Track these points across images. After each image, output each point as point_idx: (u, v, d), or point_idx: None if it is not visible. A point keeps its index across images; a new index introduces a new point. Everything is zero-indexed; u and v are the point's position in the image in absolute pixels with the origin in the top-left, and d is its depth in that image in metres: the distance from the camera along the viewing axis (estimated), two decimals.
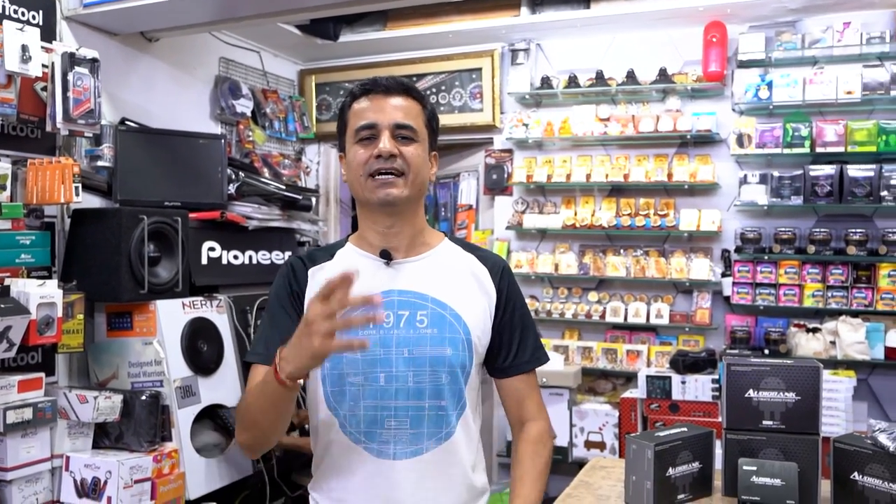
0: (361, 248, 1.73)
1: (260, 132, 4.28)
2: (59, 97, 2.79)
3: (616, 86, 4.09)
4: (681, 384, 3.53)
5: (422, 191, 1.70)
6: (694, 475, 2.20)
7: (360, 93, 1.68)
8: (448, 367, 1.63)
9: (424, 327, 1.63)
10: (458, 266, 1.73)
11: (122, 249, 2.91)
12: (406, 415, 1.61)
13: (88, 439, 2.84)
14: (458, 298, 1.68)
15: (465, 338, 1.65)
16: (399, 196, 1.62)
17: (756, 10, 3.70)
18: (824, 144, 3.63)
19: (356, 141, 1.65)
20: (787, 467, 2.11)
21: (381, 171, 1.61)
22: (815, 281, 3.69)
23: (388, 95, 1.66)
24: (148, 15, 3.22)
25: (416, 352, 1.62)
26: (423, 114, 1.70)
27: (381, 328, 1.62)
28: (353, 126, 1.66)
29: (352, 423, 1.63)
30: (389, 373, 1.62)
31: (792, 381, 2.19)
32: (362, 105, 1.66)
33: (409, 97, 1.69)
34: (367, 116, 1.64)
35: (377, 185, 1.62)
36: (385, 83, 1.67)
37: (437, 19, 4.21)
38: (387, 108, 1.64)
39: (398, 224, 1.68)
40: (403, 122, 1.64)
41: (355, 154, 1.64)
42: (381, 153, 1.60)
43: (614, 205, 4.17)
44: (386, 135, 1.62)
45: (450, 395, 1.64)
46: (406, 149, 1.63)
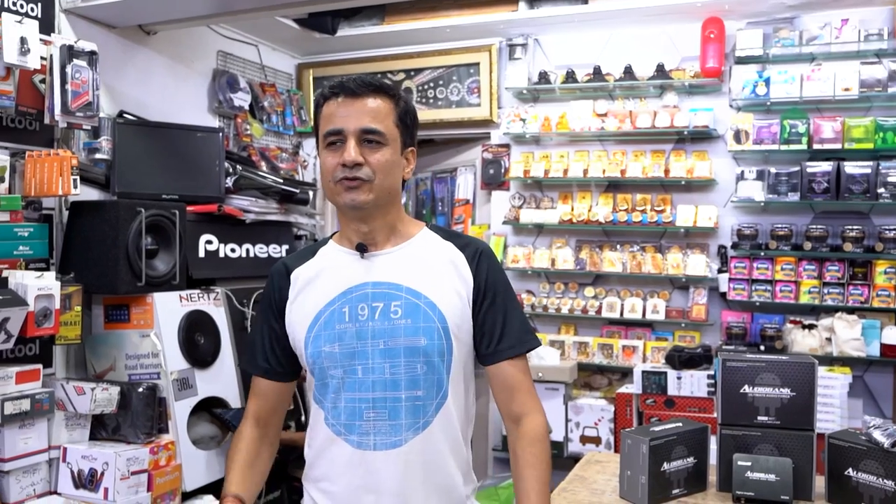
0: (341, 245, 1.75)
1: (258, 126, 4.28)
2: (57, 90, 2.79)
3: (613, 81, 4.09)
4: (676, 380, 3.54)
5: (391, 193, 1.68)
6: (689, 470, 2.22)
7: (328, 95, 1.66)
8: (424, 357, 1.62)
9: (398, 318, 1.63)
10: (435, 254, 1.72)
11: (119, 242, 2.91)
12: (384, 406, 1.61)
13: (86, 431, 2.84)
14: (432, 287, 1.66)
15: (440, 326, 1.63)
16: (365, 201, 1.62)
17: (754, 6, 3.71)
18: (821, 141, 3.64)
19: (325, 146, 1.64)
20: (781, 463, 2.13)
21: (347, 178, 1.61)
22: (811, 277, 3.71)
23: (356, 98, 1.63)
24: (146, 8, 3.22)
25: (390, 343, 1.62)
26: (394, 112, 1.67)
27: (357, 321, 1.64)
28: (322, 131, 1.65)
29: (334, 415, 1.65)
30: (366, 365, 1.63)
31: (787, 377, 2.20)
32: (330, 109, 1.65)
33: (378, 96, 1.65)
34: (333, 122, 1.63)
35: (343, 190, 1.62)
36: (352, 85, 1.64)
37: (435, 14, 4.21)
38: (353, 112, 1.62)
39: (371, 222, 1.68)
40: (370, 126, 1.61)
41: (324, 160, 1.65)
42: (345, 162, 1.60)
43: (611, 200, 4.18)
44: (352, 142, 1.60)
45: (427, 385, 1.63)
46: (372, 156, 1.61)
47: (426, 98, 4.57)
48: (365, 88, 1.64)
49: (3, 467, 2.57)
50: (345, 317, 1.65)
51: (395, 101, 1.68)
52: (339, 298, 1.67)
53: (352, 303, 1.66)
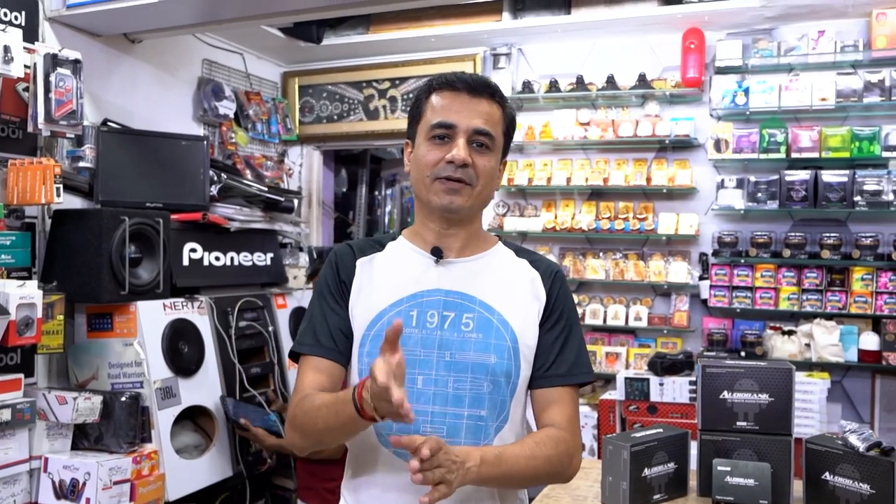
0: (414, 244, 1.64)
1: (243, 134, 4.28)
2: (41, 98, 2.79)
3: (596, 91, 4.13)
4: (659, 386, 3.57)
5: (486, 202, 1.62)
6: (669, 475, 2.24)
7: (441, 85, 1.56)
8: (490, 376, 1.52)
9: (469, 331, 1.54)
10: (511, 270, 1.63)
11: (102, 250, 2.91)
12: (443, 422, 1.50)
13: (67, 440, 2.83)
14: (507, 304, 1.57)
15: (511, 346, 1.54)
16: (462, 206, 1.54)
17: (733, 17, 3.76)
18: (799, 150, 3.69)
19: (429, 137, 1.55)
20: (760, 468, 2.15)
21: (450, 178, 1.52)
22: (790, 284, 3.75)
23: (473, 96, 1.54)
24: (131, 16, 3.22)
25: (458, 356, 1.52)
26: (503, 120, 1.59)
27: (424, 328, 1.53)
28: (429, 121, 1.55)
29: (385, 425, 1.49)
30: (428, 376, 1.52)
31: (765, 383, 2.23)
32: (443, 100, 1.55)
33: (493, 101, 1.57)
34: (445, 115, 1.53)
35: (442, 191, 1.53)
36: (471, 81, 1.55)
37: (419, 23, 4.24)
38: (468, 109, 1.53)
39: (454, 227, 1.60)
40: (483, 128, 1.53)
41: (426, 153, 1.55)
42: (453, 160, 1.51)
43: (594, 208, 4.21)
44: (462, 140, 1.52)
45: (490, 405, 1.53)
46: (480, 159, 1.53)
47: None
48: (484, 89, 1.56)
49: None
50: (412, 321, 1.54)
51: (506, 110, 1.61)
52: (408, 300, 1.56)
53: (421, 307, 1.55)
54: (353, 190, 5.70)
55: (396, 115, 4.61)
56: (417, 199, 1.64)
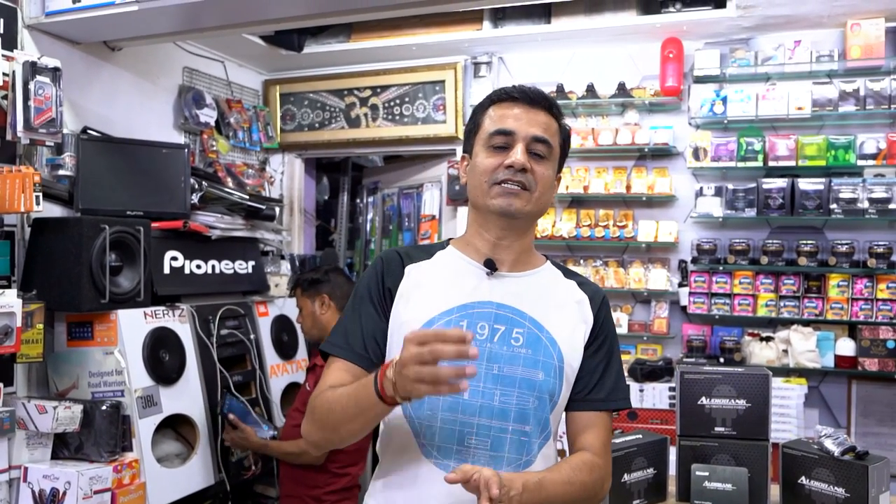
0: (465, 253, 1.66)
1: (224, 142, 4.28)
2: (20, 106, 2.78)
3: (576, 99, 4.16)
4: (639, 392, 3.60)
5: (543, 210, 1.64)
6: (649, 481, 2.27)
7: (501, 98, 1.62)
8: (537, 392, 1.54)
9: (519, 346, 1.55)
10: (560, 290, 1.66)
11: (83, 259, 2.89)
12: (488, 435, 1.51)
13: (47, 450, 2.82)
14: (555, 323, 1.60)
15: (558, 364, 1.57)
16: (521, 209, 1.57)
17: (711, 27, 3.81)
18: (776, 158, 3.74)
19: (488, 146, 1.59)
20: (737, 472, 2.18)
21: (510, 181, 1.55)
22: (768, 291, 3.79)
23: (532, 107, 1.59)
24: (111, 24, 3.20)
25: (506, 370, 1.53)
26: (560, 133, 1.64)
27: (474, 339, 1.47)
28: (488, 129, 1.60)
29: (427, 435, 1.52)
30: (476, 388, 1.51)
31: (742, 389, 2.27)
32: (502, 111, 1.60)
33: (551, 114, 1.62)
34: (505, 123, 1.58)
35: (501, 193, 1.56)
36: (530, 93, 1.61)
37: (400, 32, 4.25)
38: (526, 118, 1.58)
39: (510, 237, 1.62)
40: (542, 136, 1.58)
41: (484, 159, 1.59)
42: (513, 164, 1.54)
43: (574, 216, 4.24)
44: (521, 146, 1.56)
45: (535, 421, 1.55)
46: (538, 166, 1.57)
47: (392, 115, 4.61)
48: (543, 101, 1.61)
49: None
50: None
51: (561, 123, 1.65)
52: (459, 310, 1.57)
53: (472, 318, 1.56)
54: (334, 198, 5.71)
55: (378, 123, 4.62)
56: (473, 208, 1.67)
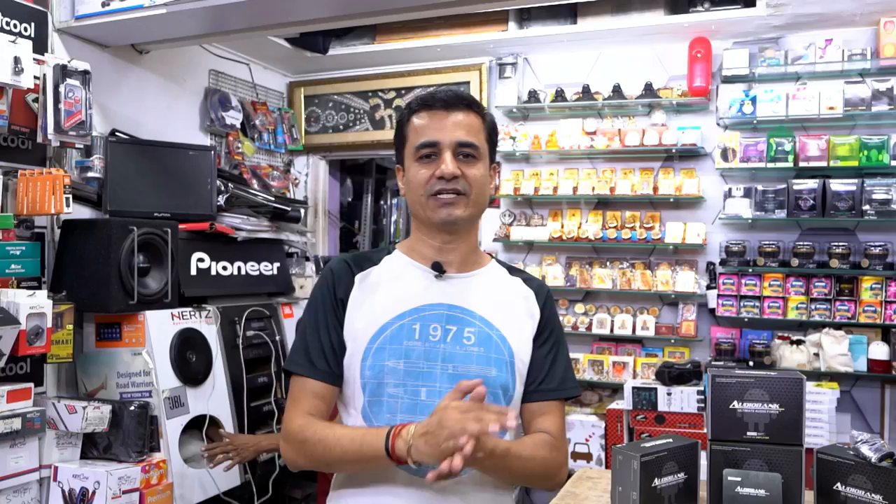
0: (412, 258, 1.68)
1: (249, 144, 4.29)
2: (50, 109, 2.81)
3: (602, 100, 4.14)
4: (666, 396, 3.56)
5: (482, 209, 1.66)
6: (679, 486, 2.22)
7: (418, 107, 1.62)
8: (491, 388, 1.55)
9: (471, 344, 1.59)
10: (506, 287, 1.69)
11: (111, 260, 2.92)
12: None
13: (77, 450, 2.84)
14: (504, 320, 1.63)
15: (509, 360, 1.61)
16: (461, 216, 1.59)
17: (740, 26, 3.76)
18: (807, 159, 3.68)
19: (416, 159, 1.60)
20: (771, 478, 2.14)
21: (444, 191, 1.57)
22: (798, 293, 3.74)
23: (449, 111, 1.60)
24: (139, 28, 3.24)
25: (461, 369, 1.56)
26: (484, 128, 1.64)
27: (427, 340, 1.57)
28: (413, 143, 1.60)
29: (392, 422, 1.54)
30: (432, 388, 1.55)
31: (776, 393, 2.22)
32: (422, 121, 1.60)
33: (471, 111, 1.62)
34: (427, 134, 1.58)
35: (439, 205, 1.58)
36: (445, 97, 1.61)
37: (425, 33, 4.25)
38: (448, 125, 1.58)
39: (455, 241, 1.64)
40: (466, 139, 1.58)
41: (416, 173, 1.59)
42: (443, 174, 1.55)
43: (601, 217, 4.21)
44: (448, 155, 1.56)
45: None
46: (469, 169, 1.58)
47: None
48: (458, 102, 1.61)
49: None
50: (415, 334, 1.58)
51: (483, 116, 1.65)
52: (411, 314, 1.60)
53: (424, 321, 1.59)
54: (358, 199, 5.71)
55: None
56: (415, 219, 1.69)
